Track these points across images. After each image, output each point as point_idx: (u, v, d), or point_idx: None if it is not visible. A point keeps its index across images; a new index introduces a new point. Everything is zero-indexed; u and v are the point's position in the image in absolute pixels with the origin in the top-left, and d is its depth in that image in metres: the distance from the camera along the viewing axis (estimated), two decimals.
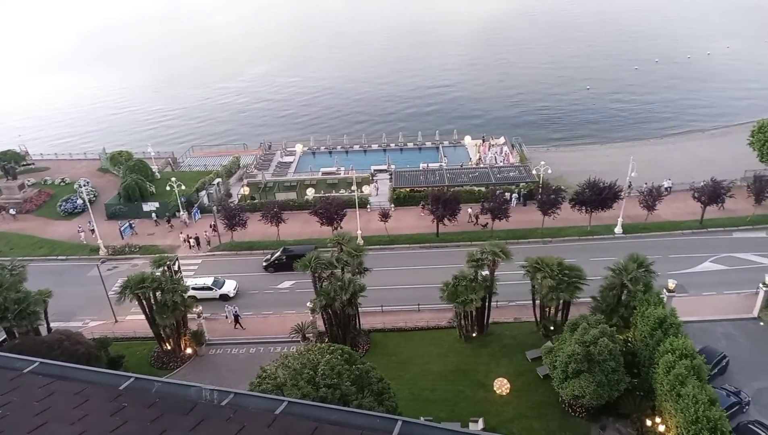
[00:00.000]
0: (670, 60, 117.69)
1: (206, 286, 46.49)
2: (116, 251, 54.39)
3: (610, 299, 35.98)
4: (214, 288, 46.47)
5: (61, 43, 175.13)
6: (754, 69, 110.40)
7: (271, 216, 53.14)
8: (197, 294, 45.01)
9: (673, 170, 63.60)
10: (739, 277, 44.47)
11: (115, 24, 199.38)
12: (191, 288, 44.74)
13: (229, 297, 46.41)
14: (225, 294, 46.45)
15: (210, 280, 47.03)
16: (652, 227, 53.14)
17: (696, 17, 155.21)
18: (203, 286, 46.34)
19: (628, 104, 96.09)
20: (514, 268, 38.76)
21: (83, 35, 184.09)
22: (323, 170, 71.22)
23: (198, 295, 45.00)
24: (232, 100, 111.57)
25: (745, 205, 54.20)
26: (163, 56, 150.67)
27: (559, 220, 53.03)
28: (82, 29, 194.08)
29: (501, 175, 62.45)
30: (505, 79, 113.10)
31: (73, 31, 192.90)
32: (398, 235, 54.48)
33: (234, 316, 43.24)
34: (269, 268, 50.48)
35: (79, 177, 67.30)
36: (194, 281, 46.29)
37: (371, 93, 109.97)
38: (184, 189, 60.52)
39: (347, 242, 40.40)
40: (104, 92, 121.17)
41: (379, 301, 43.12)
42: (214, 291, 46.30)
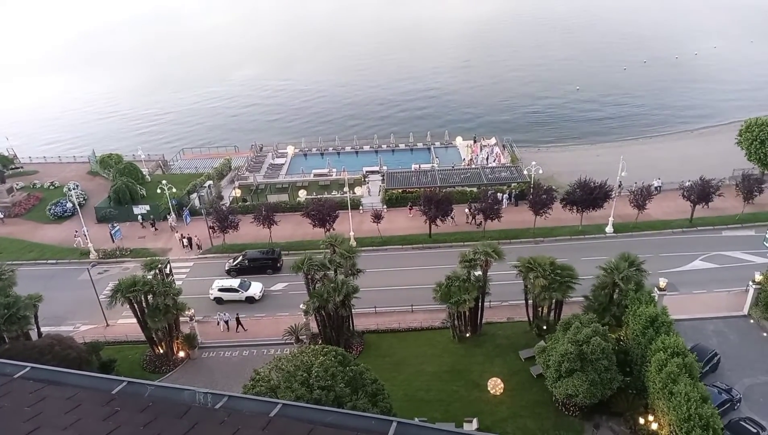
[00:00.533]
0: (658, 60, 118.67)
1: (233, 287, 45.91)
2: (107, 255, 53.95)
3: (602, 298, 36.19)
4: (241, 290, 45.81)
5: (51, 47, 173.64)
6: (740, 69, 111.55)
7: (263, 218, 52.93)
8: (223, 296, 45.14)
9: (662, 169, 64.09)
10: (729, 275, 44.86)
11: (105, 27, 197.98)
12: (218, 289, 45.02)
13: (255, 299, 45.66)
14: (251, 296, 45.66)
15: (236, 282, 46.34)
16: (642, 226, 53.51)
17: (682, 18, 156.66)
18: (230, 287, 45.85)
19: (617, 104, 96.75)
20: (506, 268, 38.91)
21: (72, 38, 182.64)
22: (315, 172, 71.11)
23: (224, 296, 45.06)
24: (222, 103, 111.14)
25: (733, 203, 54.72)
26: (153, 59, 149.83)
27: (550, 220, 53.24)
28: (71, 32, 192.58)
29: (492, 176, 62.64)
30: (495, 80, 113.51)
31: (62, 35, 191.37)
32: (391, 236, 54.47)
33: (235, 319, 42.89)
34: (231, 272, 49.82)
35: (69, 180, 66.89)
36: (221, 283, 45.90)
37: (362, 95, 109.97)
38: (175, 192, 60.19)
39: (340, 244, 40.37)
40: (94, 95, 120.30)
41: (373, 302, 43.09)
42: (240, 293, 45.69)
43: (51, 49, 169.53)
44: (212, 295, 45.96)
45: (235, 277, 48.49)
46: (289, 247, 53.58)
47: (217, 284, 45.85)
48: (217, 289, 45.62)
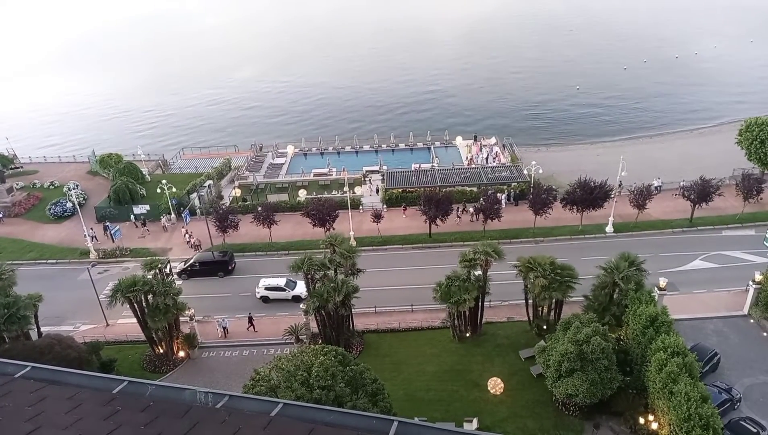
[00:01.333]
0: (658, 60, 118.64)
1: (279, 286, 45.73)
2: (107, 255, 53.93)
3: (603, 298, 36.18)
4: (287, 289, 45.62)
5: (51, 47, 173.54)
6: (740, 68, 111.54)
7: (262, 218, 52.93)
8: (270, 294, 45.17)
9: (662, 169, 64.11)
10: (729, 274, 44.90)
11: (105, 28, 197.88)
12: (264, 288, 44.92)
13: (301, 298, 45.01)
14: (297, 295, 45.28)
15: (282, 281, 46.04)
16: (642, 226, 53.52)
17: (682, 18, 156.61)
18: (276, 286, 45.69)
19: (617, 104, 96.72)
20: (506, 267, 38.90)
21: (73, 39, 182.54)
22: (315, 171, 71.09)
23: (271, 295, 45.11)
24: (223, 103, 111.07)
25: (733, 203, 54.73)
26: (153, 59, 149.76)
27: (550, 219, 53.24)
28: (72, 33, 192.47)
29: (493, 175, 62.62)
30: (495, 79, 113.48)
31: (62, 35, 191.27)
32: (391, 236, 54.47)
33: (248, 318, 42.68)
34: (182, 274, 49.47)
35: (69, 180, 66.88)
36: (267, 282, 45.68)
37: (363, 94, 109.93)
38: (175, 191, 60.16)
39: (340, 243, 40.34)
40: (94, 95, 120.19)
41: (373, 302, 43.10)
42: (287, 292, 45.55)
43: (51, 49, 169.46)
44: (258, 293, 45.81)
45: (186, 279, 48.12)
46: (289, 246, 53.58)
47: (263, 283, 45.65)
48: (263, 287, 45.46)
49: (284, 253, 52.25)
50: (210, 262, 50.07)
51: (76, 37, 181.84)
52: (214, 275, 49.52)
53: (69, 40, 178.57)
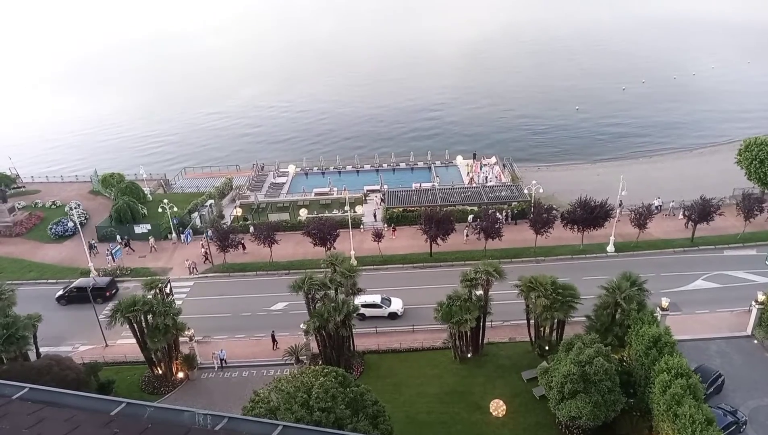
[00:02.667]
0: (657, 81, 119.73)
1: (375, 303, 45.28)
2: (107, 274, 53.84)
3: (605, 318, 35.95)
4: (383, 306, 45.23)
5: (53, 67, 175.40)
6: (738, 89, 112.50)
7: (263, 237, 52.97)
8: (366, 311, 44.68)
9: (662, 189, 64.23)
10: (732, 294, 44.65)
11: (107, 49, 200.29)
12: (361, 305, 44.30)
13: (397, 315, 44.85)
14: (394, 312, 44.98)
15: (378, 298, 45.68)
16: (643, 245, 53.43)
17: (679, 39, 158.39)
18: (372, 303, 45.25)
19: (616, 124, 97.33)
20: (507, 287, 38.74)
21: (75, 59, 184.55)
22: (316, 191, 71.33)
23: (366, 312, 44.69)
24: (225, 123, 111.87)
25: (734, 222, 54.70)
26: (155, 79, 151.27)
27: (551, 238, 53.19)
28: (75, 54, 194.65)
29: (493, 195, 62.77)
30: (495, 99, 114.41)
31: (65, 55, 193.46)
32: (392, 255, 54.39)
33: (271, 336, 42.05)
34: (61, 300, 48.82)
35: (70, 199, 67.05)
36: (363, 299, 44.92)
37: (364, 115, 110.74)
38: (176, 211, 60.29)
39: (340, 263, 40.26)
40: (96, 115, 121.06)
41: (373, 321, 42.89)
42: (383, 309, 45.15)
43: (54, 70, 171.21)
44: None
45: (64, 305, 47.12)
46: (290, 266, 53.49)
47: (359, 300, 44.73)
48: (360, 304, 44.62)
49: (285, 273, 52.16)
50: (87, 289, 49.02)
51: (79, 59, 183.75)
52: (94, 301, 48.13)
53: (72, 61, 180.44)
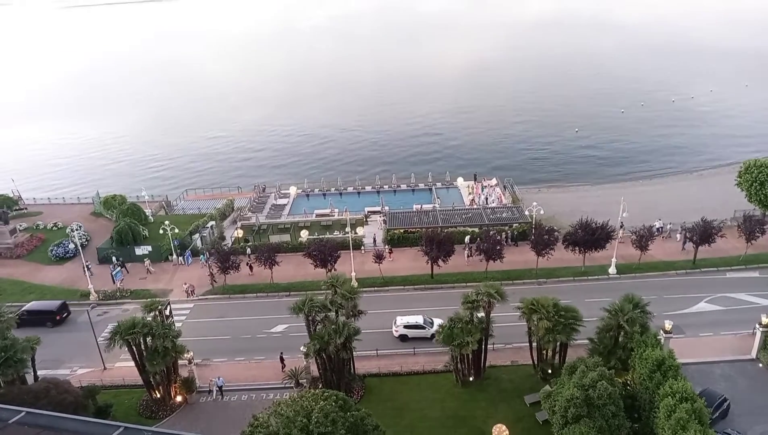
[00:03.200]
0: (655, 103, 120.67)
1: (419, 324, 45.00)
2: (107, 296, 53.64)
3: (608, 341, 35.66)
4: (426, 327, 44.90)
5: (57, 89, 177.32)
6: (737, 111, 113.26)
7: (264, 259, 52.91)
8: (408, 333, 44.58)
9: (663, 210, 64.29)
10: (735, 317, 44.39)
11: (111, 72, 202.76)
12: (403, 326, 44.50)
13: None
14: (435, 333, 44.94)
15: (420, 319, 45.41)
16: (645, 267, 53.24)
17: (677, 63, 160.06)
18: (416, 324, 45.00)
19: (616, 146, 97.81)
20: (509, 309, 38.52)
21: (79, 82, 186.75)
22: (317, 212, 71.44)
23: (409, 333, 44.54)
24: (227, 145, 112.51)
25: (736, 244, 54.59)
26: (159, 102, 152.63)
27: (553, 260, 53.10)
28: (80, 77, 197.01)
29: (494, 216, 62.83)
30: (495, 122, 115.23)
31: (69, 78, 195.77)
32: (393, 277, 54.23)
33: (279, 358, 42.03)
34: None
35: (72, 221, 67.13)
36: (406, 320, 45.05)
37: (364, 137, 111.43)
38: (177, 232, 60.31)
39: (341, 284, 40.10)
40: (100, 137, 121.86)
41: (374, 344, 42.55)
42: (426, 330, 44.81)
43: (58, 92, 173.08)
44: (397, 332, 44.91)
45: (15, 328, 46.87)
46: (290, 287, 53.29)
47: (402, 321, 44.93)
48: (402, 326, 44.73)
49: (285, 294, 51.95)
50: (37, 312, 49.18)
51: (84, 82, 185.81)
52: (43, 325, 48.28)
53: (77, 85, 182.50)
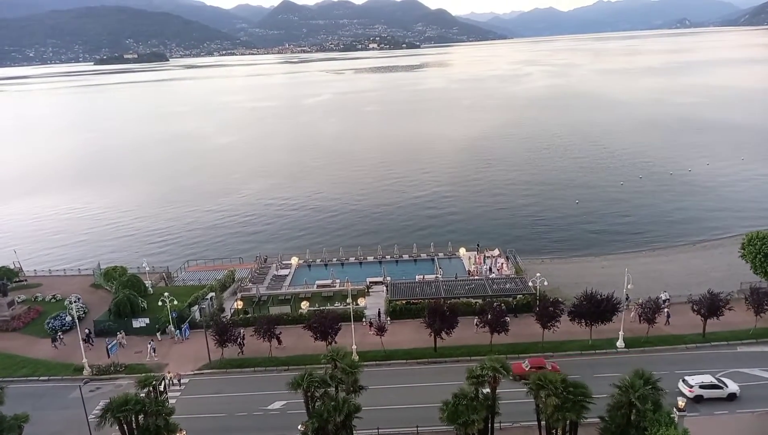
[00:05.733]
0: (654, 176, 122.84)
1: (714, 384, 42.87)
2: (101, 371, 52.17)
3: (619, 419, 34.15)
4: (723, 386, 42.84)
5: (64, 162, 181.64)
6: (735, 184, 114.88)
7: (263, 331, 51.90)
8: (704, 393, 42.57)
9: (668, 282, 63.72)
10: (750, 394, 42.83)
11: (118, 146, 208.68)
12: (699, 386, 42.37)
13: (736, 396, 42.58)
14: (733, 393, 42.74)
15: (712, 378, 43.30)
16: (654, 341, 52.03)
17: (673, 137, 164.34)
18: (711, 384, 42.96)
19: (617, 218, 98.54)
20: (516, 385, 37.26)
21: (86, 155, 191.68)
22: (318, 283, 70.83)
23: (705, 394, 42.53)
24: (229, 216, 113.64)
25: (745, 317, 53.55)
26: (163, 175, 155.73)
27: (559, 333, 51.99)
28: (86, 150, 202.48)
29: (497, 287, 62.16)
30: (496, 193, 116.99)
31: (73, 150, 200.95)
32: (395, 350, 52.91)
33: None
34: None
35: (71, 293, 66.53)
36: (700, 379, 43.07)
37: (367, 207, 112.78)
38: (177, 304, 59.57)
39: (342, 358, 39.01)
40: (103, 209, 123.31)
41: (375, 422, 40.72)
42: (723, 390, 42.78)
43: (62, 164, 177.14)
44: (691, 393, 42.49)
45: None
46: (289, 361, 51.88)
47: (697, 381, 42.95)
48: (698, 386, 42.70)
49: (284, 369, 50.50)
50: None
51: (90, 156, 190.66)
52: None
53: (84, 158, 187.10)
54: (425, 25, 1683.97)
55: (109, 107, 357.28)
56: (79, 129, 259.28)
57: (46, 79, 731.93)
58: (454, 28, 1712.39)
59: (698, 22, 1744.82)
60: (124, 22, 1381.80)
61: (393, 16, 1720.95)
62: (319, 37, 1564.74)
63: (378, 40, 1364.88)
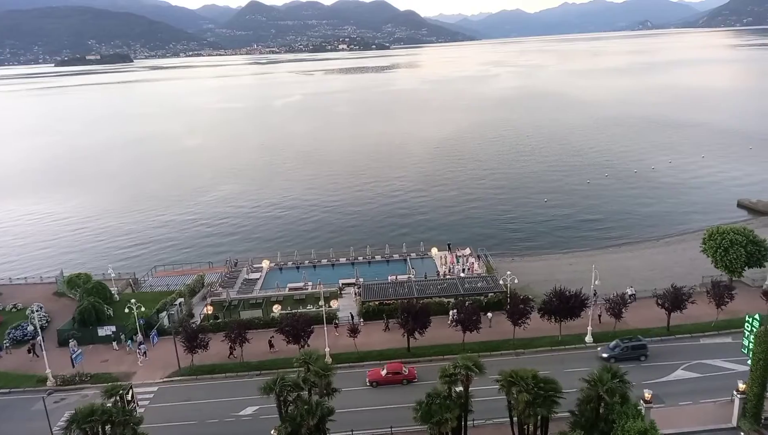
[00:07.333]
0: (619, 174, 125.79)
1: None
2: (65, 381, 50.58)
3: (589, 413, 34.78)
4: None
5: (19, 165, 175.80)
6: (696, 180, 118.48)
7: (234, 337, 51.16)
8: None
9: (634, 278, 65.22)
10: (712, 384, 44.15)
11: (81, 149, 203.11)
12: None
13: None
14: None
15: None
16: (621, 335, 53.06)
17: (636, 136, 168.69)
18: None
19: (584, 215, 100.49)
20: (488, 382, 37.51)
21: (42, 157, 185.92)
22: (290, 286, 70.23)
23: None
24: (198, 219, 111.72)
25: (707, 310, 55.16)
26: (129, 179, 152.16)
27: (529, 330, 52.70)
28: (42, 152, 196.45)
29: (469, 286, 62.66)
30: (466, 193, 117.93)
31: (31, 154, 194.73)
32: (368, 351, 52.79)
33: None
34: None
35: (33, 302, 64.36)
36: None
37: (338, 208, 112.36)
38: (144, 311, 58.23)
39: (314, 361, 38.72)
40: (65, 214, 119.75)
41: (349, 424, 40.55)
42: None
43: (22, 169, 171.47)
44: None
45: None
46: (261, 366, 51.24)
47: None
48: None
49: (256, 374, 49.87)
50: None
51: (52, 160, 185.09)
52: None
53: (40, 160, 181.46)
54: (395, 26, 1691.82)
55: (71, 110, 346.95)
56: (39, 133, 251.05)
57: (3, 82, 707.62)
58: (423, 29, 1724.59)
59: (659, 23, 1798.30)
60: (87, 23, 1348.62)
61: (362, 18, 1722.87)
62: (287, 37, 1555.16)
63: (347, 41, 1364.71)
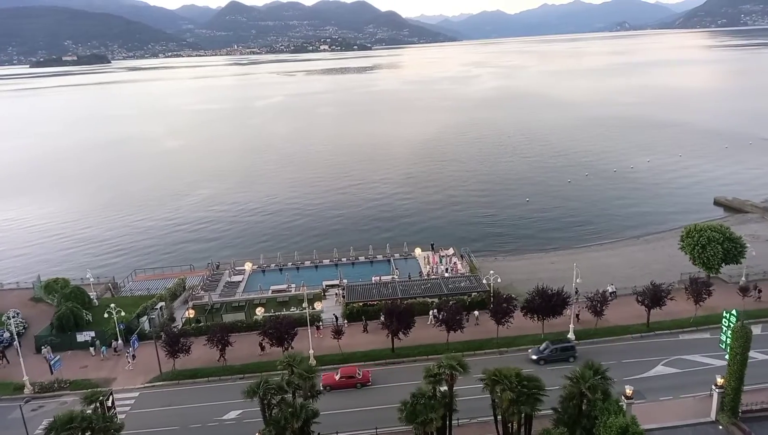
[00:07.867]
0: (599, 173, 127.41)
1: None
2: (43, 388, 49.52)
3: (571, 410, 35.14)
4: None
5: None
6: (674, 179, 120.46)
7: (216, 340, 50.62)
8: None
9: (615, 275, 66.06)
10: (692, 379, 44.94)
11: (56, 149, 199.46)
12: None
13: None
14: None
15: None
16: (602, 332, 53.87)
17: (616, 136, 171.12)
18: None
19: (566, 214, 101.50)
20: (472, 381, 37.66)
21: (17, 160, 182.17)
22: (273, 288, 69.76)
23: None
24: (179, 221, 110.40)
25: (685, 306, 56.15)
26: (109, 181, 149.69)
27: (512, 328, 53.07)
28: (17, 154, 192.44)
29: (452, 286, 62.88)
30: (450, 194, 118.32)
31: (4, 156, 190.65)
32: (352, 353, 52.64)
33: None
34: None
35: (9, 308, 63.02)
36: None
37: (321, 209, 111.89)
38: (124, 315, 57.33)
39: (298, 363, 38.49)
40: (42, 218, 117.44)
41: (334, 426, 40.41)
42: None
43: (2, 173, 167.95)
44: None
45: None
46: (244, 369, 50.74)
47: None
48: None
49: (240, 377, 49.40)
50: None
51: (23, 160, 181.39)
52: None
53: (15, 163, 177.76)
54: (376, 27, 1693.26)
55: (47, 112, 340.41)
56: (14, 135, 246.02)
57: None
58: (404, 30, 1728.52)
59: (637, 24, 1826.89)
60: (63, 23, 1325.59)
61: (343, 18, 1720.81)
62: (268, 38, 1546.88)
63: (329, 41, 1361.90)
